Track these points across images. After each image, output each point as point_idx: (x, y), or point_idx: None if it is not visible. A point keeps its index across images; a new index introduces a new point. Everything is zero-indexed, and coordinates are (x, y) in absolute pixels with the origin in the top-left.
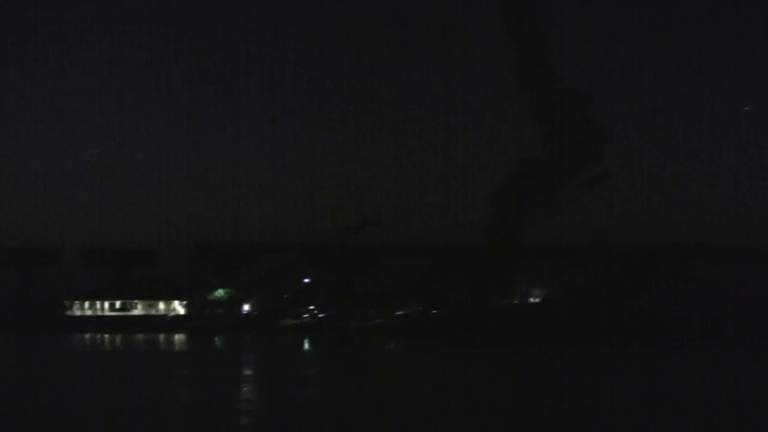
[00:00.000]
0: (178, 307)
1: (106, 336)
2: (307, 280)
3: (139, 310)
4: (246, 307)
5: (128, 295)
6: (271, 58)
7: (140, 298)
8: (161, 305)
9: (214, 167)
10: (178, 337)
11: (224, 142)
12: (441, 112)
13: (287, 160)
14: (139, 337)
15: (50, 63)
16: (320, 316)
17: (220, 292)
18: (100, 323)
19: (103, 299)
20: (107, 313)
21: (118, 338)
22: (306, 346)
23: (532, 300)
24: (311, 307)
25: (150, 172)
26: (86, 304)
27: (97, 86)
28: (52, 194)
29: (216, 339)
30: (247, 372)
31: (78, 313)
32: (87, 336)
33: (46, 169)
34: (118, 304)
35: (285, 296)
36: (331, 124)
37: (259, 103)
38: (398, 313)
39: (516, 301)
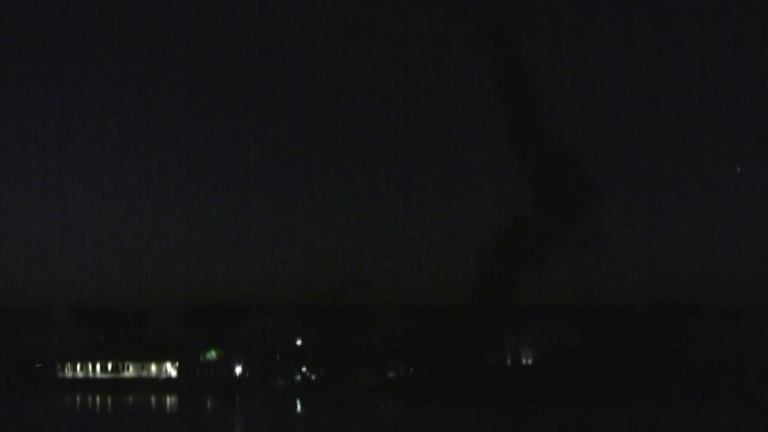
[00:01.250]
0: (170, 369)
1: (98, 398)
2: (298, 341)
3: (130, 371)
4: (238, 369)
5: (119, 357)
6: (261, 117)
7: (131, 359)
8: (153, 367)
9: (206, 227)
10: (171, 399)
11: (216, 203)
12: (431, 170)
13: (279, 220)
14: (132, 399)
15: (38, 121)
16: (312, 377)
17: (211, 354)
18: (91, 385)
19: (94, 360)
20: (99, 374)
21: (110, 400)
22: (298, 407)
23: (523, 360)
24: (303, 369)
25: (140, 232)
26: (77, 366)
27: (87, 146)
28: (40, 252)
29: (208, 400)
30: None
31: (69, 374)
32: (79, 398)
33: (34, 227)
34: (109, 365)
35: (276, 357)
36: (323, 184)
37: (250, 162)
38: (390, 373)
39: (508, 362)
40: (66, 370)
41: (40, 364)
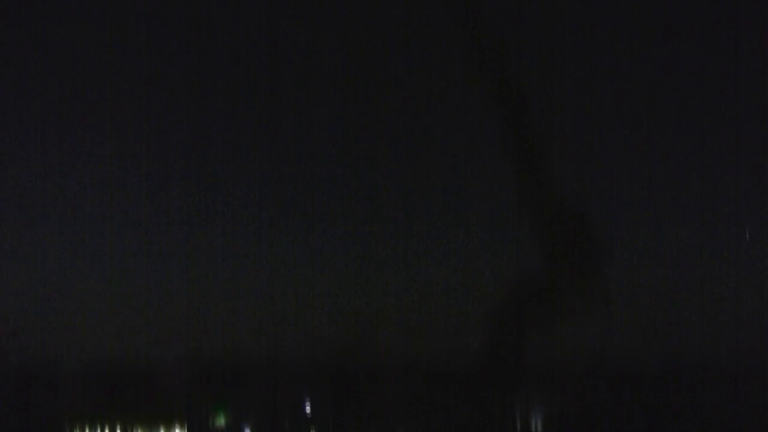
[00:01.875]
0: None
1: None
2: (307, 407)
3: None
4: None
5: (127, 420)
6: (265, 173)
7: (140, 422)
8: (161, 430)
9: (213, 286)
10: None
11: (224, 263)
12: (438, 232)
13: (286, 280)
14: None
15: (40, 177)
16: None
17: (220, 419)
18: None
19: (102, 424)
20: None
21: None
22: None
23: (533, 425)
24: None
25: (146, 292)
26: (86, 430)
27: (93, 201)
28: (44, 312)
29: None
30: None
31: None
32: None
33: (40, 285)
34: (117, 429)
35: (285, 423)
36: (333, 245)
37: (256, 219)
38: None
39: (517, 426)
40: None
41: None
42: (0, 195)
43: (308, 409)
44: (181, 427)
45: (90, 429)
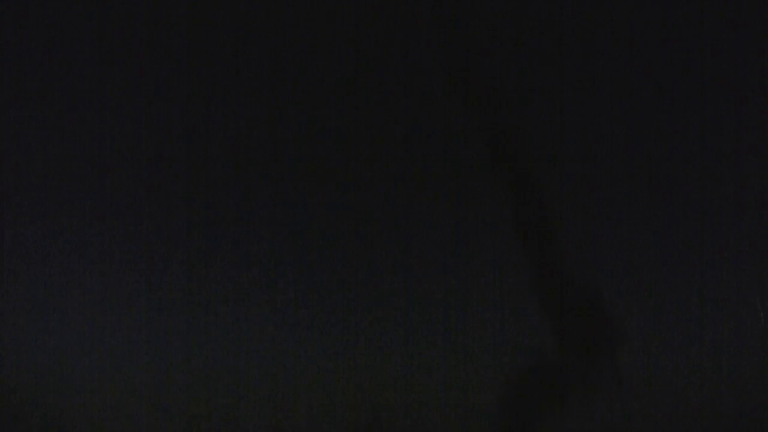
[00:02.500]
0: None
1: None
2: None
3: None
4: None
5: None
6: (270, 247)
7: None
8: None
9: (215, 369)
10: None
11: (225, 342)
12: (448, 309)
13: (291, 361)
14: None
15: (40, 245)
16: None
17: None
18: None
19: None
20: None
21: None
22: None
23: None
24: None
25: (146, 376)
26: None
27: (90, 274)
28: (44, 391)
29: None
30: None
31: None
32: None
33: (36, 364)
34: None
35: None
36: (334, 320)
37: (260, 299)
38: None
39: None
40: None
41: None
42: None
43: None
44: None
45: None
